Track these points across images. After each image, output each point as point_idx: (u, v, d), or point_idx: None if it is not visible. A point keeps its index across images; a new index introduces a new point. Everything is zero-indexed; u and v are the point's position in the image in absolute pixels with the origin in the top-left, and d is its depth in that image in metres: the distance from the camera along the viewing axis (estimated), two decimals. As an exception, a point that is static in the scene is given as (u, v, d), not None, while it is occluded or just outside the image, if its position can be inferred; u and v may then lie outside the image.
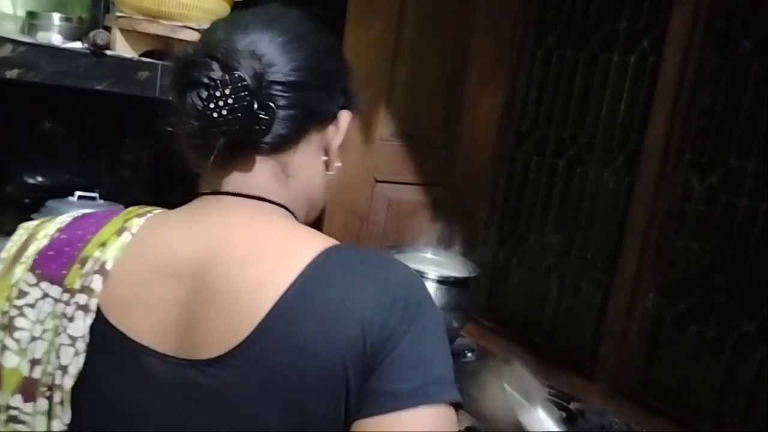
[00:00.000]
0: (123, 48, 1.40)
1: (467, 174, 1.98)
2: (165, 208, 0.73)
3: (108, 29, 1.40)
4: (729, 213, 1.41)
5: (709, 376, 1.43)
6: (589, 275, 1.69)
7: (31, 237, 0.71)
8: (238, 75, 0.64)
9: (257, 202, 0.69)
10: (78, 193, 1.52)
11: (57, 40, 1.36)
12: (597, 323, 1.65)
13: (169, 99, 0.69)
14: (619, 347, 1.59)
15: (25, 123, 1.56)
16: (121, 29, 1.40)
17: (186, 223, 0.69)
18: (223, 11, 1.46)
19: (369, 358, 0.59)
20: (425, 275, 1.69)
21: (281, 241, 0.66)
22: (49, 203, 1.48)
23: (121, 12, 1.41)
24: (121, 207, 0.75)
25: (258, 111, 0.65)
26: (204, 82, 0.65)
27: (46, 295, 0.67)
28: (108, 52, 1.35)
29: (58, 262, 0.68)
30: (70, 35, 1.40)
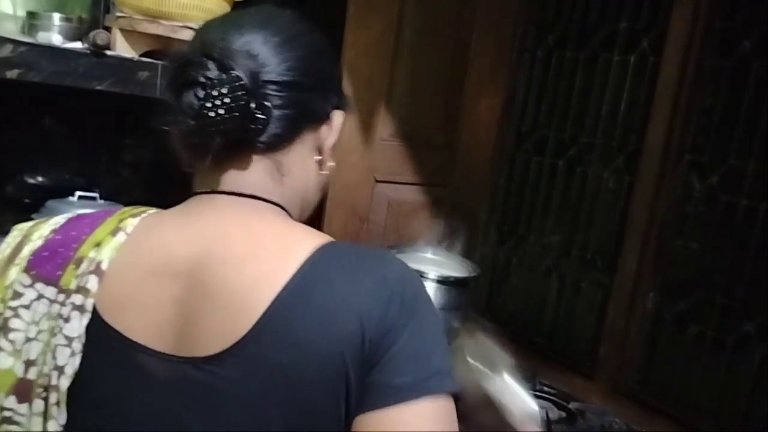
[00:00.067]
0: (123, 48, 1.40)
1: (467, 174, 1.98)
2: (161, 208, 0.73)
3: (108, 29, 1.40)
4: (729, 213, 1.41)
5: (709, 376, 1.43)
6: (589, 275, 1.69)
7: (26, 238, 0.70)
8: (235, 74, 0.64)
9: (252, 200, 0.69)
10: (78, 193, 1.52)
11: (57, 40, 1.36)
12: (597, 323, 1.65)
13: (166, 98, 0.69)
14: (619, 347, 1.59)
15: (25, 123, 1.56)
16: (121, 29, 1.40)
17: (181, 222, 0.69)
18: (223, 11, 1.46)
19: (368, 353, 0.59)
20: (425, 275, 1.68)
21: (277, 239, 0.66)
22: (50, 203, 1.48)
23: (121, 12, 1.41)
24: (121, 207, 0.75)
25: (254, 110, 0.65)
26: (200, 81, 0.65)
27: (41, 296, 0.66)
28: (108, 52, 1.35)
29: (53, 263, 0.67)
30: (70, 35, 1.40)
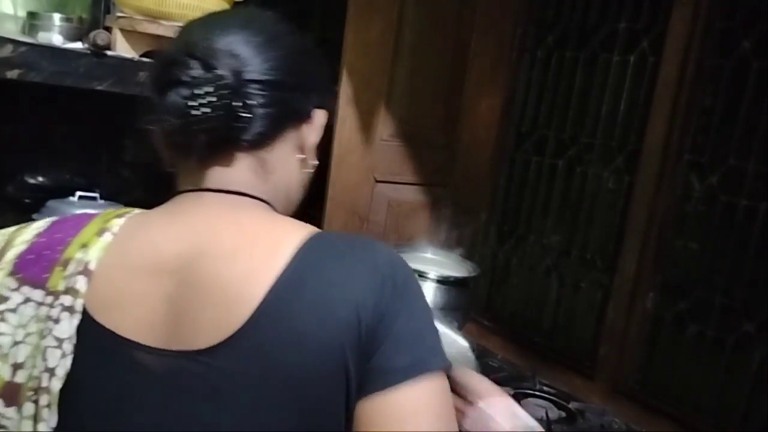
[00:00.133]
0: (123, 48, 1.40)
1: (467, 174, 1.98)
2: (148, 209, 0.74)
3: (108, 30, 1.40)
4: (729, 213, 1.41)
5: (709, 376, 1.43)
6: (588, 275, 1.69)
7: (8, 244, 0.70)
8: (219, 73, 0.66)
9: (238, 197, 0.70)
10: (78, 193, 1.52)
11: (57, 40, 1.36)
12: (597, 323, 1.65)
13: (149, 97, 0.70)
14: (619, 347, 1.59)
15: (25, 123, 1.56)
16: (121, 29, 1.40)
17: (169, 220, 0.70)
18: (224, 11, 1.46)
19: (365, 339, 0.61)
20: (425, 275, 1.69)
21: (266, 233, 0.67)
22: (50, 203, 1.49)
23: (122, 12, 1.42)
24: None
25: (238, 108, 0.66)
26: (185, 80, 0.66)
27: (28, 300, 0.66)
28: (108, 53, 1.36)
29: (38, 266, 0.67)
30: (70, 35, 1.41)
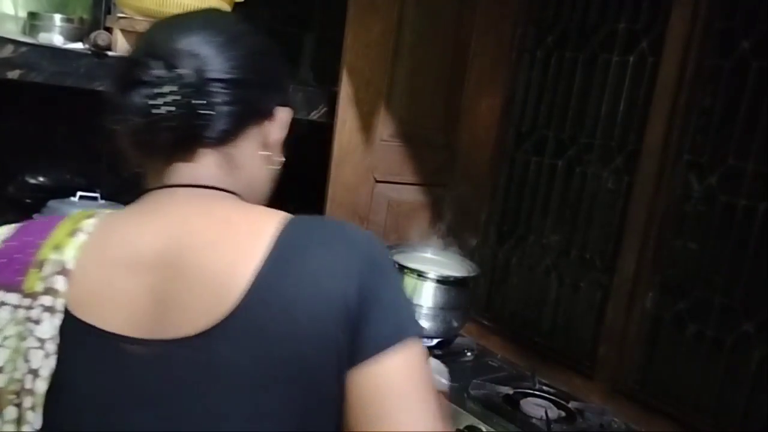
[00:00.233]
0: (124, 49, 1.40)
1: (467, 174, 1.98)
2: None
3: (109, 30, 1.41)
4: (728, 213, 1.41)
5: (709, 376, 1.43)
6: (588, 275, 1.69)
7: None
8: (181, 73, 0.68)
9: (209, 190, 0.72)
10: (79, 193, 1.52)
11: (58, 40, 1.37)
12: (596, 323, 1.66)
13: (112, 97, 0.71)
14: (619, 347, 1.59)
15: (26, 123, 1.57)
16: (122, 30, 1.41)
17: (143, 217, 0.71)
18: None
19: (353, 311, 0.63)
20: (425, 275, 1.69)
21: (243, 220, 0.69)
22: (51, 203, 1.49)
23: (122, 13, 1.42)
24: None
25: (200, 107, 0.68)
26: (147, 80, 0.68)
27: (3, 303, 0.66)
28: (109, 53, 1.36)
29: (10, 270, 0.68)
30: (71, 36, 1.41)
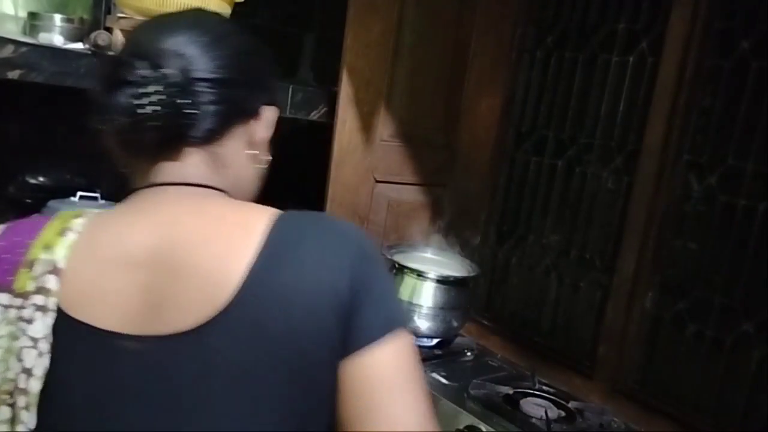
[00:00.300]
0: (124, 49, 1.40)
1: (467, 174, 1.98)
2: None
3: (109, 30, 1.41)
4: (727, 213, 1.42)
5: (708, 376, 1.43)
6: (588, 275, 1.69)
7: None
8: (166, 72, 0.68)
9: (198, 188, 0.72)
10: (80, 193, 1.52)
11: (58, 41, 1.37)
12: (596, 323, 1.66)
13: (98, 98, 0.71)
14: (618, 347, 1.59)
15: (26, 123, 1.57)
16: (122, 30, 1.41)
17: (134, 216, 0.71)
18: (224, 12, 1.46)
19: (347, 302, 0.64)
20: (425, 275, 1.69)
21: (233, 216, 0.69)
22: (51, 203, 1.49)
23: (123, 13, 1.42)
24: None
25: (186, 106, 0.69)
26: (132, 80, 0.68)
27: None
28: (109, 53, 1.36)
29: (0, 270, 0.67)
30: (71, 36, 1.41)
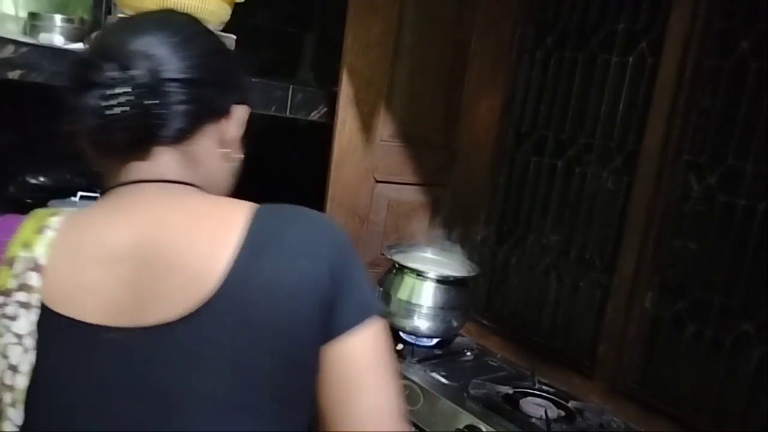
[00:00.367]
0: (124, 49, 1.40)
1: (467, 174, 1.98)
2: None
3: (109, 30, 1.40)
4: (727, 213, 1.42)
5: (708, 376, 1.44)
6: (587, 275, 1.70)
7: None
8: (134, 74, 0.68)
9: (174, 184, 0.73)
10: (80, 193, 1.52)
11: (59, 41, 1.37)
12: (596, 323, 1.66)
13: (68, 99, 0.72)
14: (618, 346, 1.59)
15: (27, 123, 1.57)
16: (122, 30, 1.40)
17: (113, 213, 0.71)
18: (224, 12, 1.46)
19: (330, 290, 0.67)
20: (425, 275, 1.69)
21: (212, 209, 0.70)
22: (52, 203, 1.49)
23: (123, 13, 1.42)
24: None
25: (155, 106, 0.69)
26: (99, 82, 0.68)
27: None
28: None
29: None
30: (71, 36, 1.41)
